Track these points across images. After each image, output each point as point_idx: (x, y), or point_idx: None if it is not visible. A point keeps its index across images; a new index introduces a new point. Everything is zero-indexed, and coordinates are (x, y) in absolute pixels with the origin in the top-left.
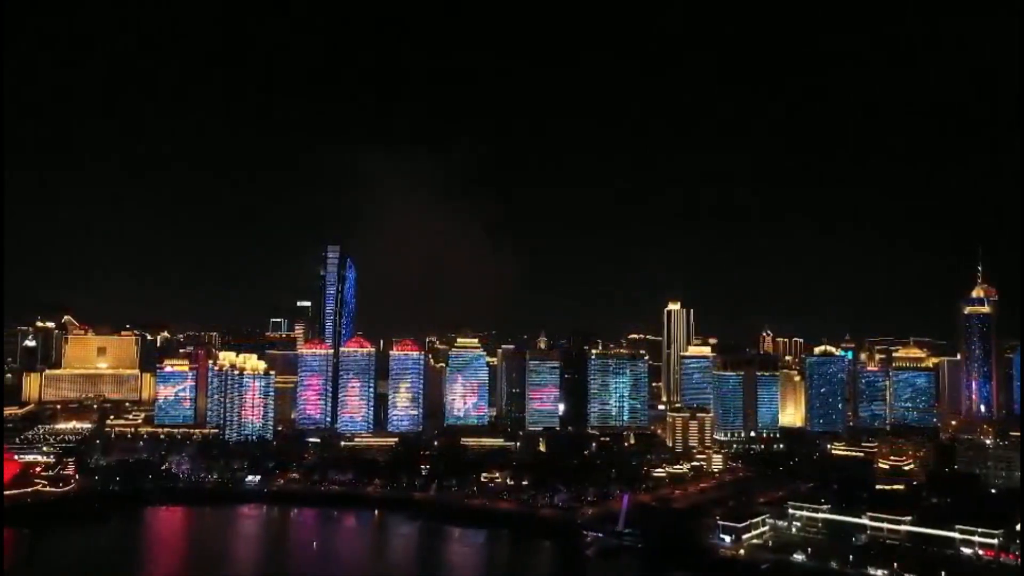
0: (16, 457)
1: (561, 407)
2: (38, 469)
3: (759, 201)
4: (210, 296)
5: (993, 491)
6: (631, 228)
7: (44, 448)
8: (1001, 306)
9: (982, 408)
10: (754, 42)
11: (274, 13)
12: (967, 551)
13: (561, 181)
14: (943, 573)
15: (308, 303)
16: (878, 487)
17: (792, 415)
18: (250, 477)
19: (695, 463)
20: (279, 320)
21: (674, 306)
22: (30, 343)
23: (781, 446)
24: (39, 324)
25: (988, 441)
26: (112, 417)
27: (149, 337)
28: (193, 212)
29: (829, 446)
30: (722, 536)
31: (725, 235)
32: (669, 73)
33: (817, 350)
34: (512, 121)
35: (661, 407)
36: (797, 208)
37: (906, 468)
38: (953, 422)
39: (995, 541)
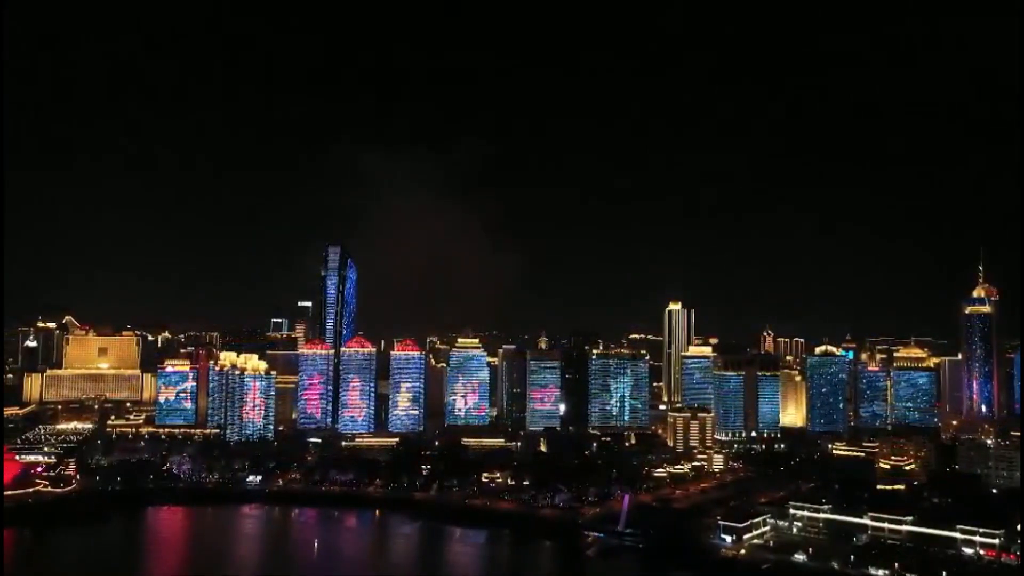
0: (17, 457)
1: (562, 407)
2: (39, 469)
3: (759, 201)
4: (210, 296)
5: (994, 491)
6: (631, 228)
7: (45, 448)
8: (1002, 306)
9: (983, 408)
10: (754, 42)
11: (274, 13)
12: (968, 551)
13: (561, 181)
14: (944, 573)
15: (309, 303)
16: (879, 487)
17: (793, 415)
18: (251, 477)
19: (696, 463)
20: (280, 320)
21: (675, 306)
22: (31, 343)
23: (782, 446)
24: (40, 324)
25: (989, 441)
26: (113, 417)
27: (150, 337)
28: (194, 212)
29: (830, 446)
30: (723, 536)
31: (726, 235)
32: (669, 73)
33: (818, 350)
34: (512, 121)
35: (662, 407)
36: (798, 208)
37: (907, 468)
38: (954, 422)
39: (996, 541)
